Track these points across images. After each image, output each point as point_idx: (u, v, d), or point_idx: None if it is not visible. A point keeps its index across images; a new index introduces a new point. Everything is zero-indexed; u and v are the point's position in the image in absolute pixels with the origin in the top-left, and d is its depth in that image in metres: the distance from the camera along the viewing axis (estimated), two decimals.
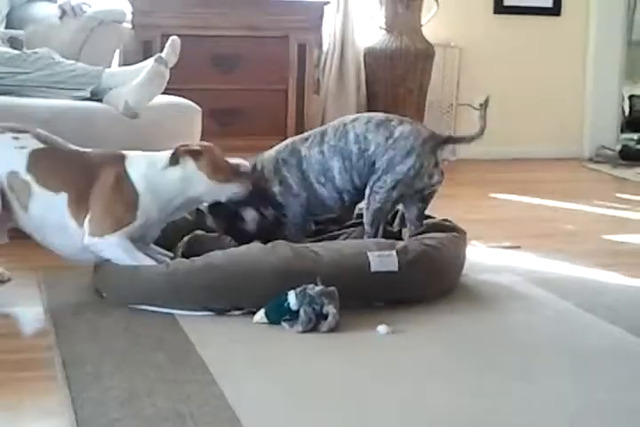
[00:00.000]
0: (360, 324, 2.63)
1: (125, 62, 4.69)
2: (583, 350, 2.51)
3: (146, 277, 2.75)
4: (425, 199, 3.09)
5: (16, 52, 4.20)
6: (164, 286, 2.72)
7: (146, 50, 4.76)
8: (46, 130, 3.66)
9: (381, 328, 2.60)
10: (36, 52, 4.13)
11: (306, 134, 3.20)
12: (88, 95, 3.96)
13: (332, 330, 2.56)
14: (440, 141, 3.05)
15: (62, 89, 4.00)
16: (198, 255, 2.79)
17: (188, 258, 2.80)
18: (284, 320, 2.59)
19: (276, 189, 3.11)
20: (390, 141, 2.99)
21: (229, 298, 2.69)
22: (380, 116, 3.11)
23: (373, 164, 3.01)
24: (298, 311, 2.57)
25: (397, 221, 3.28)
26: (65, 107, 3.82)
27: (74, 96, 3.96)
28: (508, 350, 2.50)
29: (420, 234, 3.06)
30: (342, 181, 3.07)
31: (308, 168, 3.09)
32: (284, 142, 3.21)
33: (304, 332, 2.55)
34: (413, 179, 2.98)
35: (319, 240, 3.18)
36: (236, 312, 2.70)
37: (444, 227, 3.12)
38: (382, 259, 2.78)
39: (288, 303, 2.58)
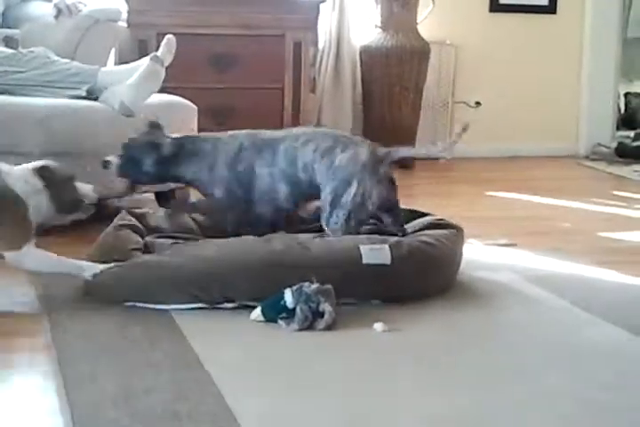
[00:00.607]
0: (356, 322, 2.63)
1: (121, 61, 4.69)
2: (579, 348, 2.51)
3: (136, 272, 2.76)
4: (390, 210, 3.08)
5: (11, 51, 4.20)
6: (155, 278, 2.73)
7: (141, 49, 4.75)
8: (42, 129, 3.68)
9: (378, 326, 2.60)
10: (31, 51, 4.13)
11: (260, 141, 3.16)
12: (84, 94, 3.96)
13: (328, 328, 2.56)
14: (380, 160, 3.02)
15: (58, 88, 4.00)
16: None
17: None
18: (281, 318, 2.59)
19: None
20: (331, 172, 3.00)
21: (220, 290, 2.71)
22: (328, 141, 3.07)
23: (318, 190, 3.05)
24: (294, 309, 2.57)
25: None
26: (61, 106, 3.81)
27: (69, 95, 3.95)
28: (504, 347, 2.50)
29: (416, 231, 3.07)
30: (287, 203, 3.13)
31: (256, 186, 3.12)
32: (239, 145, 3.17)
33: (300, 330, 2.55)
34: (362, 205, 2.98)
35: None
36: (228, 305, 2.72)
37: (441, 224, 3.12)
38: (374, 251, 2.78)
39: (284, 301, 2.58)
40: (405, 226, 3.14)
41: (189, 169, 3.18)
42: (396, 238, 2.90)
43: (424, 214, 3.25)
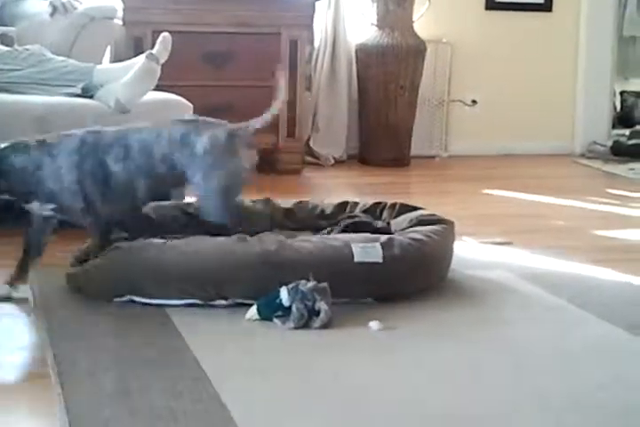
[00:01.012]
0: (352, 320, 2.63)
1: (116, 59, 4.69)
2: (574, 346, 2.51)
3: (129, 267, 2.76)
4: None
5: (7, 48, 4.19)
6: (149, 274, 2.73)
7: (137, 46, 4.76)
8: (40, 126, 3.66)
9: (373, 324, 2.60)
10: (27, 49, 4.12)
11: (108, 137, 2.96)
12: (79, 92, 3.95)
13: (324, 326, 2.56)
14: (237, 136, 2.97)
15: (53, 86, 4.00)
16: None
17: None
18: (277, 317, 2.59)
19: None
20: (193, 160, 2.90)
21: (214, 286, 2.71)
22: (180, 129, 2.95)
23: (182, 176, 2.95)
24: (290, 308, 2.57)
25: (385, 214, 3.30)
26: (57, 104, 3.81)
27: (65, 93, 3.95)
28: (499, 346, 2.51)
29: (406, 228, 3.09)
30: (145, 195, 2.98)
31: (112, 184, 2.92)
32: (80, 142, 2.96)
33: (296, 328, 2.56)
34: (235, 186, 2.96)
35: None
36: (222, 302, 2.72)
37: (432, 220, 3.12)
38: (366, 249, 2.79)
39: (280, 299, 2.58)
40: (395, 220, 3.18)
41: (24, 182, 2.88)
42: (387, 236, 2.91)
43: (415, 209, 3.25)
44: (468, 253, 3.37)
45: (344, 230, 3.15)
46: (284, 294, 2.58)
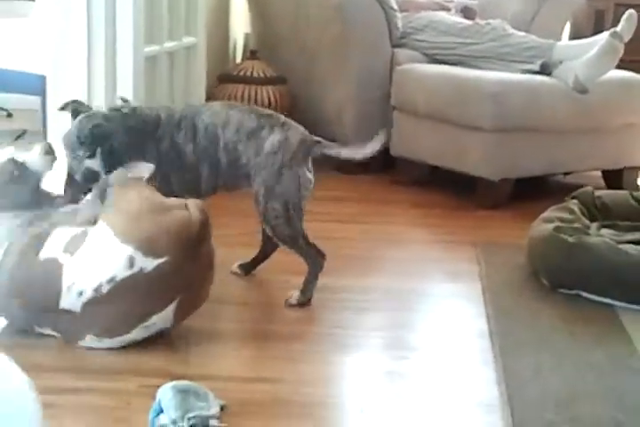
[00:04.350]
0: None
1: (575, 35, 4.59)
2: None
3: (583, 261, 2.68)
4: None
5: (469, 22, 4.25)
6: (604, 272, 2.64)
7: (597, 20, 4.62)
8: (494, 104, 3.67)
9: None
10: (489, 23, 4.15)
11: (177, 115, 2.69)
12: (537, 69, 3.91)
13: None
14: (310, 146, 2.64)
15: (512, 61, 3.99)
16: None
17: None
18: None
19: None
20: (260, 158, 2.61)
21: None
22: (252, 121, 2.65)
23: (247, 176, 2.65)
24: None
25: None
26: (513, 80, 3.79)
27: (522, 69, 3.93)
28: None
29: None
30: (206, 185, 2.70)
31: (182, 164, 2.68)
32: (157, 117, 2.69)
33: None
34: (298, 192, 2.62)
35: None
36: None
37: None
38: None
39: None
40: None
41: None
42: None
43: None
44: None
45: None
46: None
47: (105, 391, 2.03)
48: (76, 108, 2.61)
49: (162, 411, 1.91)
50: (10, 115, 5.63)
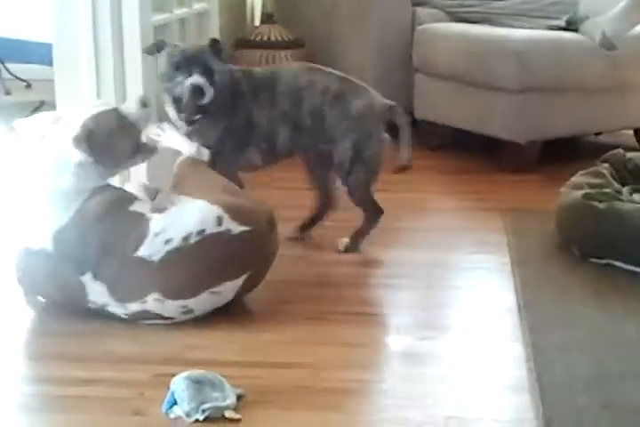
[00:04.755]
0: None
1: None
2: None
3: (615, 228, 2.58)
4: None
5: None
6: (637, 239, 2.53)
7: None
8: (518, 63, 3.54)
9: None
10: None
11: (258, 76, 2.69)
12: (563, 24, 3.79)
13: None
14: (390, 112, 2.70)
15: (537, 17, 3.87)
16: None
17: None
18: None
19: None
20: (347, 122, 2.63)
21: None
22: (336, 84, 2.66)
23: (330, 139, 2.65)
24: None
25: None
26: (537, 38, 3.66)
27: (549, 25, 3.80)
28: None
29: None
30: (282, 147, 2.69)
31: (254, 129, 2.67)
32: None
33: None
34: (380, 159, 2.70)
35: None
36: None
37: None
38: None
39: None
40: None
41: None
42: None
43: None
44: None
45: None
46: None
47: (118, 382, 1.96)
48: (161, 45, 2.62)
49: (176, 402, 1.85)
50: (29, 85, 5.58)
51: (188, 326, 2.22)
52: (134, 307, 2.20)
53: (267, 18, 4.49)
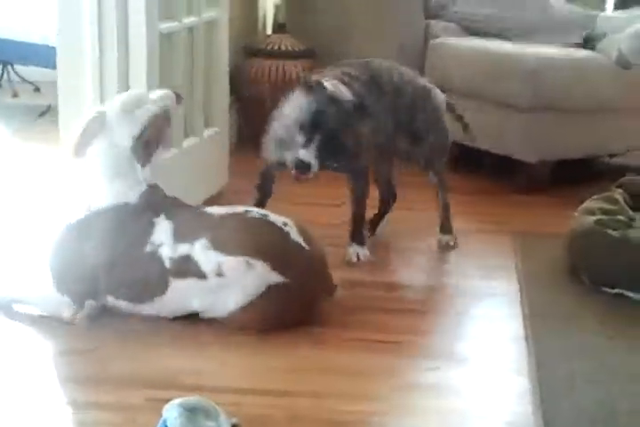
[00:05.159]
0: None
1: (620, 4, 4.34)
2: None
3: (627, 257, 2.51)
4: None
5: None
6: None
7: None
8: (532, 81, 3.46)
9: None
10: None
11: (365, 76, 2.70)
12: (580, 41, 3.71)
13: None
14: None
15: (553, 34, 3.80)
16: None
17: None
18: None
19: None
20: (431, 116, 2.78)
21: None
22: (419, 79, 2.85)
23: (414, 133, 2.77)
24: None
25: None
26: (552, 55, 3.60)
27: (565, 42, 3.73)
28: None
29: None
30: (389, 144, 2.77)
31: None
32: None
33: None
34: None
35: None
36: None
37: None
38: None
39: None
40: None
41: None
42: None
43: None
44: None
45: None
46: None
47: (109, 406, 1.90)
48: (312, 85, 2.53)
49: None
50: (37, 89, 5.52)
51: (186, 346, 2.17)
52: (183, 249, 2.23)
53: (278, 27, 4.42)
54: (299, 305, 2.27)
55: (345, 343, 2.22)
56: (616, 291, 2.52)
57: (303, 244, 2.30)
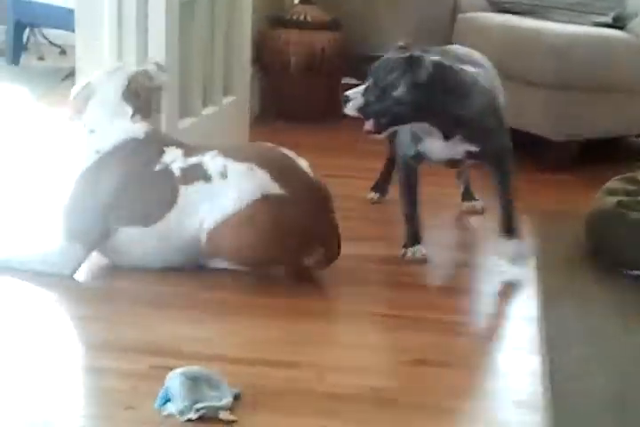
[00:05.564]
0: None
1: None
2: None
3: None
4: None
5: None
6: None
7: None
8: (558, 58, 3.39)
9: None
10: None
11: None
12: (610, 21, 3.64)
13: None
14: None
15: (583, 12, 3.72)
16: None
17: None
18: None
19: None
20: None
21: None
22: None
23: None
24: None
25: None
26: (578, 33, 3.52)
27: (595, 21, 3.65)
28: None
29: None
30: None
31: None
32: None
33: None
34: None
35: None
36: None
37: None
38: None
39: None
40: None
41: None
42: None
43: None
44: None
45: None
46: None
47: (113, 372, 1.87)
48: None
49: (169, 399, 1.76)
50: (63, 51, 5.50)
51: (192, 314, 2.15)
52: (193, 160, 2.34)
53: None
54: (291, 226, 2.28)
55: (352, 317, 2.19)
56: (636, 273, 2.46)
57: (312, 176, 2.36)
